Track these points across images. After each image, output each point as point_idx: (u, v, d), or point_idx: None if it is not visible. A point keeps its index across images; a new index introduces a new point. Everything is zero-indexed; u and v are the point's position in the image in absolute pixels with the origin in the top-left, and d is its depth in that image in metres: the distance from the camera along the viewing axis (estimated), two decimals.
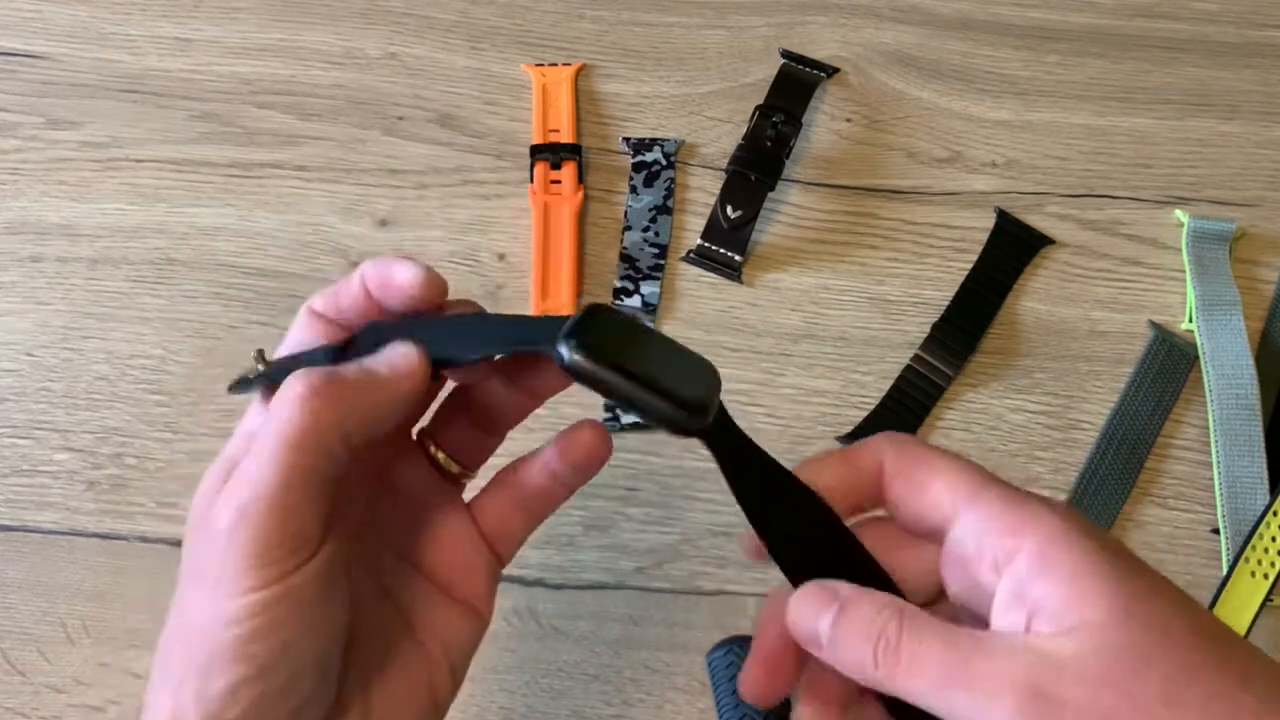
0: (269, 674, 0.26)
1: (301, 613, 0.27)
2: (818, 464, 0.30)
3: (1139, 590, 0.25)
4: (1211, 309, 0.47)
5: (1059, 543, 0.26)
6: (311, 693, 0.27)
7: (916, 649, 0.25)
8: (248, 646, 0.26)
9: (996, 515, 0.27)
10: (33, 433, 0.45)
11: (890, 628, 0.26)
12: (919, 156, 0.51)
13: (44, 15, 0.54)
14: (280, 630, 0.26)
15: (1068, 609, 0.25)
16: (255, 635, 0.26)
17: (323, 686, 0.28)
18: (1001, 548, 0.26)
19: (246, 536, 0.26)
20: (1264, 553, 0.42)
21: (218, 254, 0.49)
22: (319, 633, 0.27)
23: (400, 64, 0.53)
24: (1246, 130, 0.52)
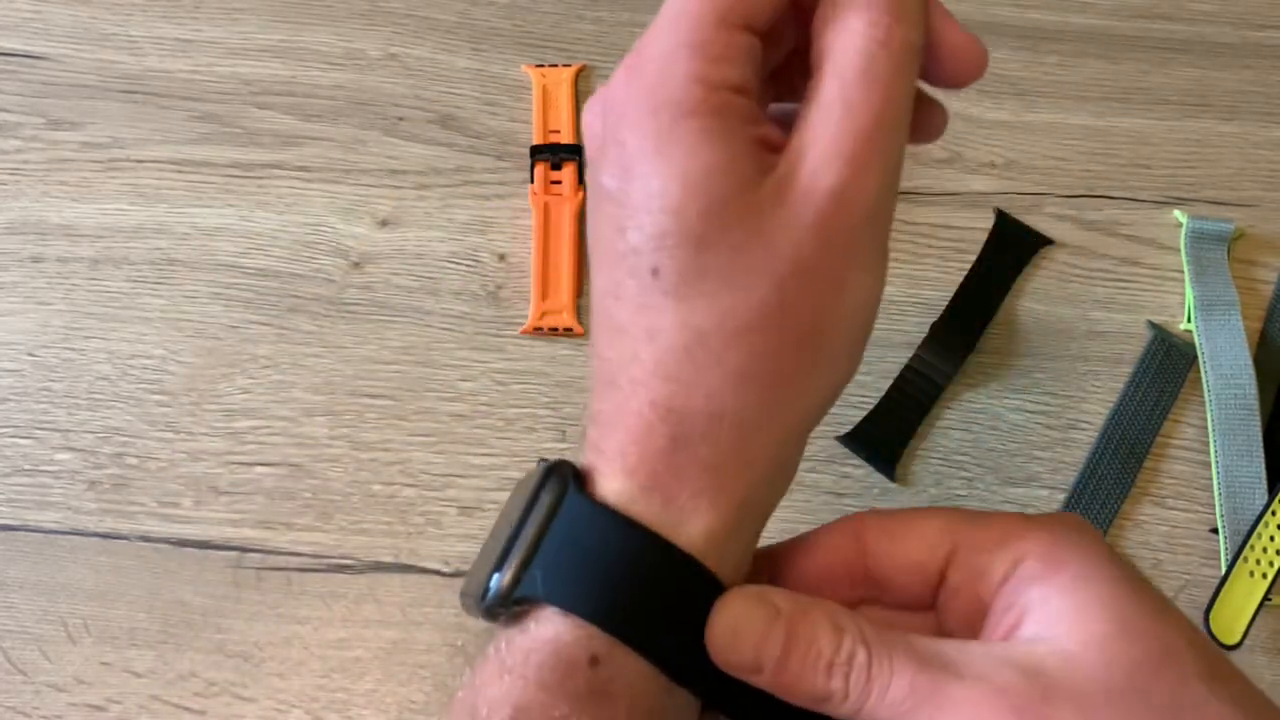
0: (854, 361, 0.26)
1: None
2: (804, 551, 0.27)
3: (1146, 607, 0.23)
4: (1210, 309, 0.47)
5: (1065, 546, 0.24)
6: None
7: (888, 675, 0.23)
8: (868, 327, 0.26)
9: (1001, 529, 0.25)
10: (34, 432, 0.45)
11: (859, 652, 0.23)
12: (918, 156, 0.51)
13: (44, 16, 0.54)
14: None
15: (1067, 616, 0.23)
16: (867, 318, 0.25)
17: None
18: (1011, 557, 0.24)
19: (885, 202, 0.25)
20: (1262, 552, 0.42)
21: (218, 254, 0.49)
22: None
23: (401, 65, 0.53)
24: (1245, 131, 0.52)
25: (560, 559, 0.25)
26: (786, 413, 0.25)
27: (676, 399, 0.25)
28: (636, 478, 0.25)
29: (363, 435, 0.45)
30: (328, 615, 0.42)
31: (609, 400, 0.25)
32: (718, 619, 0.24)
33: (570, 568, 0.25)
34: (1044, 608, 0.23)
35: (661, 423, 0.25)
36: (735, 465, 0.25)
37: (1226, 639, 0.41)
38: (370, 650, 0.41)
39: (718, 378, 0.24)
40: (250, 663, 0.41)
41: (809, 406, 0.26)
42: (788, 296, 0.24)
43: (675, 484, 0.25)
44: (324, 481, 0.44)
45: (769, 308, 0.24)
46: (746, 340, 0.24)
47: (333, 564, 0.43)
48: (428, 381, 0.46)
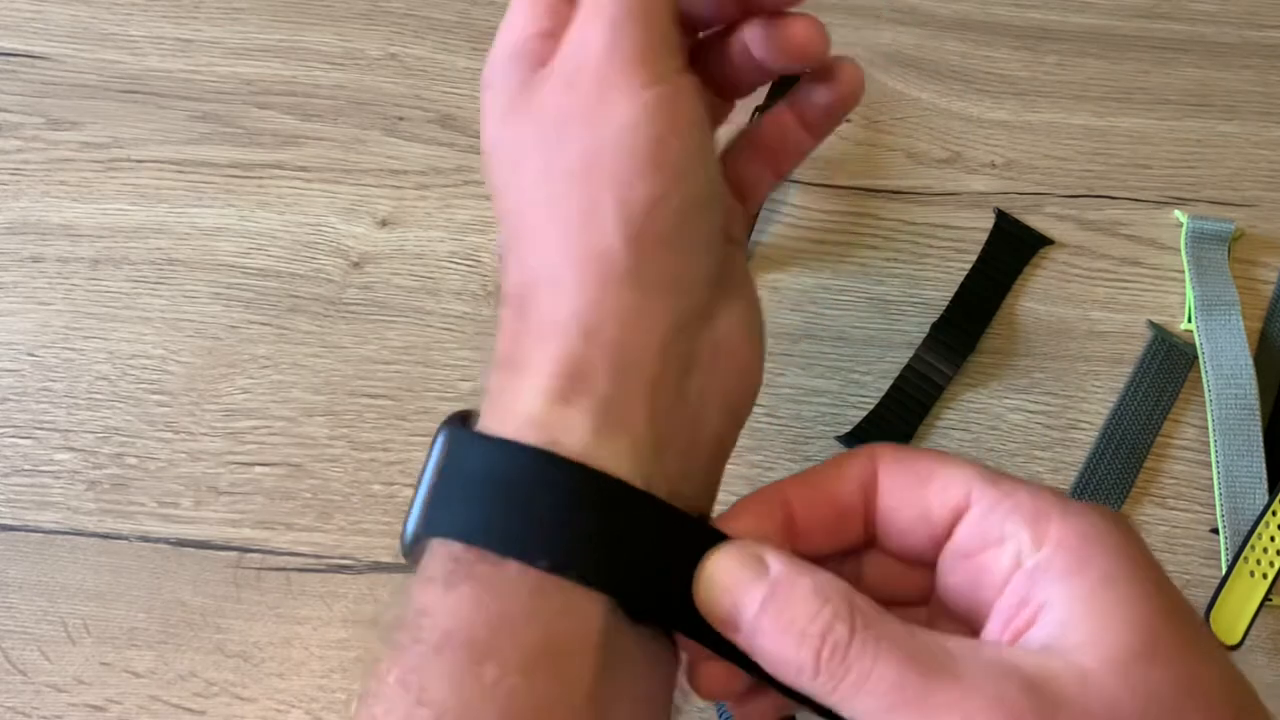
0: (686, 181, 0.26)
1: (697, 120, 0.26)
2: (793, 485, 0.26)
3: (1177, 628, 0.21)
4: (1210, 309, 0.47)
5: (1095, 539, 0.22)
6: (716, 221, 0.27)
7: (869, 665, 0.21)
8: (663, 148, 0.25)
9: (1025, 498, 0.23)
10: (34, 432, 0.45)
11: (839, 628, 0.21)
12: (918, 157, 0.51)
13: (44, 15, 0.54)
14: (687, 133, 0.26)
15: (1088, 625, 0.20)
16: (667, 135, 0.25)
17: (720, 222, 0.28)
18: (1029, 535, 0.22)
19: (627, 42, 0.26)
20: (1263, 552, 0.42)
21: (218, 254, 0.49)
22: (712, 150, 0.27)
23: (401, 65, 0.53)
24: (1245, 131, 0.52)
25: (445, 493, 0.25)
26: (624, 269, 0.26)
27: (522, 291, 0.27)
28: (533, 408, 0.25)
29: (362, 435, 0.45)
30: (328, 615, 0.42)
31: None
32: (704, 568, 0.24)
33: (449, 499, 0.25)
34: (1063, 609, 0.21)
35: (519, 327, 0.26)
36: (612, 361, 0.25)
37: (1227, 639, 0.41)
38: (370, 650, 0.41)
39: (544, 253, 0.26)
40: (250, 663, 0.41)
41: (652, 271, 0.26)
42: (553, 141, 0.26)
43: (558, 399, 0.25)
44: (324, 482, 0.44)
45: (547, 163, 0.26)
46: (556, 201, 0.26)
47: (332, 564, 0.43)
48: (428, 381, 0.46)
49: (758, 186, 0.33)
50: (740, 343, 0.29)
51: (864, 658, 0.21)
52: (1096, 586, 0.21)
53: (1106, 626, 0.20)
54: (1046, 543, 0.22)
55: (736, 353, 0.28)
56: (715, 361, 0.28)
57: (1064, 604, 0.21)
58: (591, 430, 0.25)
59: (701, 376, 0.27)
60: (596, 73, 0.26)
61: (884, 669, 0.20)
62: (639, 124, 0.25)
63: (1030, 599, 0.22)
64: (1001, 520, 0.23)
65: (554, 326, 0.26)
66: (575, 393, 0.25)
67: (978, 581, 0.23)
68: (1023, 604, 0.22)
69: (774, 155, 0.32)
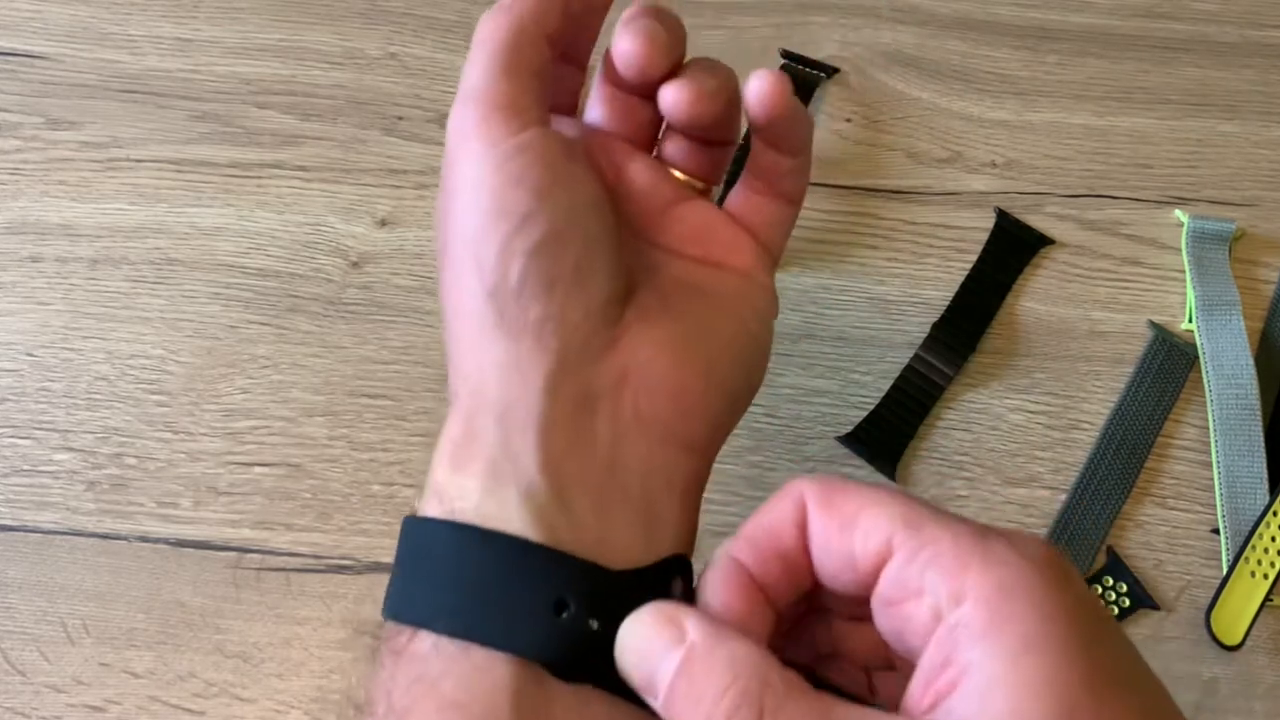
0: (531, 222, 0.27)
1: (544, 164, 0.27)
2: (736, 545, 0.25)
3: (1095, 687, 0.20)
4: (1211, 309, 0.47)
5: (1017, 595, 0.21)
6: (584, 255, 0.28)
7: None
8: (503, 197, 0.27)
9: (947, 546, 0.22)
10: (33, 433, 0.45)
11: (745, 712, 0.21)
12: (919, 156, 0.51)
13: (44, 15, 0.54)
14: (527, 178, 0.27)
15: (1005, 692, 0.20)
16: (506, 185, 0.27)
17: (597, 253, 0.28)
18: (947, 588, 0.22)
19: (471, 116, 0.28)
20: (1264, 553, 0.42)
21: (218, 254, 0.49)
22: (570, 185, 0.28)
23: (400, 64, 0.53)
24: (1246, 130, 0.52)
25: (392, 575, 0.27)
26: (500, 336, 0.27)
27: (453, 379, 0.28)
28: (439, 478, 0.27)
29: (362, 435, 0.45)
30: (327, 616, 0.42)
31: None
32: (621, 632, 0.24)
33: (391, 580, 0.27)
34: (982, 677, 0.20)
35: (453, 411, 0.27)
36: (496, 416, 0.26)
37: (1228, 640, 0.41)
38: (370, 651, 0.41)
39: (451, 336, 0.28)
40: (249, 663, 0.41)
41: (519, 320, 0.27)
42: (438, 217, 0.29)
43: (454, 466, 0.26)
44: (323, 482, 0.44)
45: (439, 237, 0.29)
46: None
47: (332, 564, 0.43)
48: (427, 381, 0.46)
49: (759, 215, 0.33)
50: (659, 364, 0.28)
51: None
52: (1017, 651, 0.20)
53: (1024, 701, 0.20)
54: (965, 598, 0.21)
55: (653, 376, 0.28)
56: (624, 391, 0.27)
57: (983, 671, 0.20)
58: (481, 491, 0.26)
59: (610, 410, 0.27)
60: (450, 154, 0.29)
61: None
62: (480, 181, 0.27)
63: (952, 660, 0.21)
64: (921, 571, 0.22)
65: (454, 394, 0.28)
66: (467, 457, 0.26)
67: (903, 630, 0.23)
68: (945, 664, 0.21)
69: (766, 182, 0.33)
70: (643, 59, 0.29)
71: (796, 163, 0.32)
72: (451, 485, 0.26)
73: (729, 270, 0.31)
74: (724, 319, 0.30)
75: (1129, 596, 0.42)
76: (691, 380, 0.28)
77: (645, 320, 0.28)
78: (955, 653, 0.21)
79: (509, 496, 0.25)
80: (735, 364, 0.30)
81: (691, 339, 0.29)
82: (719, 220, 0.32)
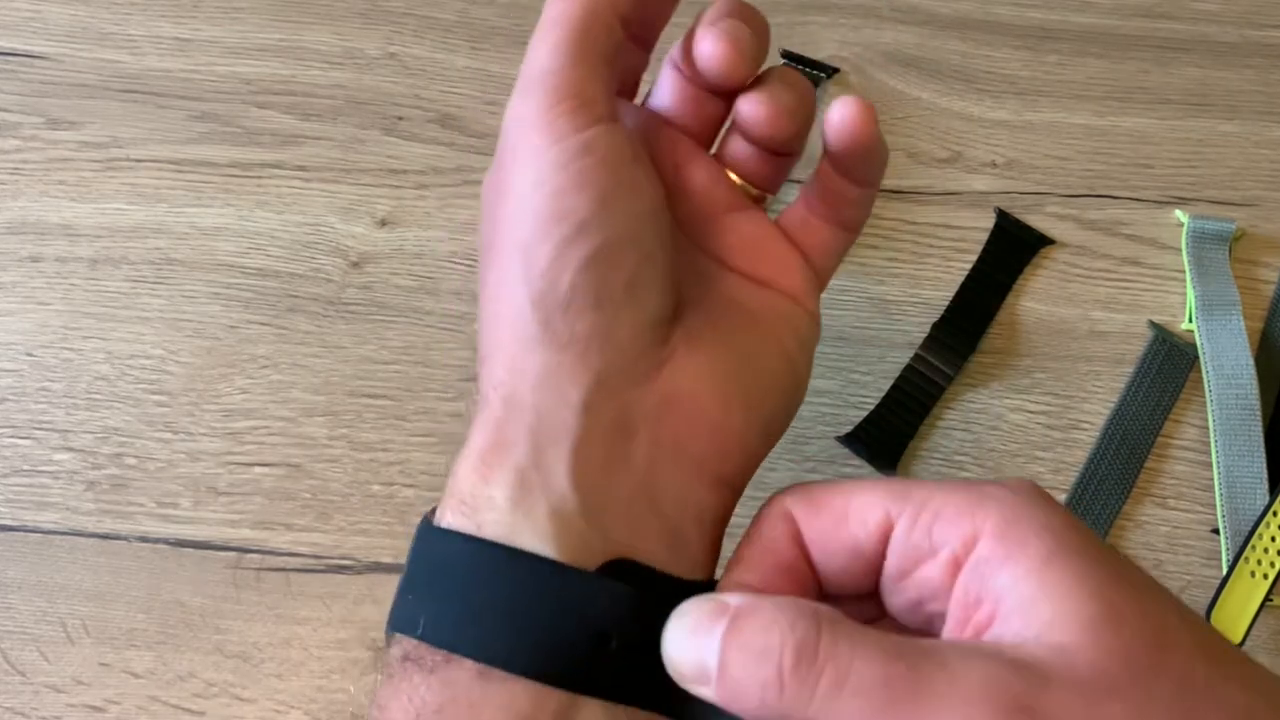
0: (588, 231, 0.25)
1: (608, 168, 0.26)
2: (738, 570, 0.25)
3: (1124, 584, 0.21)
4: (1211, 309, 0.47)
5: (1024, 521, 0.21)
6: (638, 271, 0.26)
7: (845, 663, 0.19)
8: (561, 200, 0.25)
9: (943, 501, 0.23)
10: (33, 433, 0.45)
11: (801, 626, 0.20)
12: (919, 156, 0.51)
13: (44, 15, 0.54)
14: (590, 182, 0.25)
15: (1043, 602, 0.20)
16: (566, 188, 0.25)
17: (650, 270, 0.27)
18: (958, 536, 0.22)
19: (535, 105, 0.26)
20: (1264, 553, 0.42)
21: (217, 254, 0.49)
22: (633, 192, 0.26)
23: (400, 64, 0.53)
24: (1246, 130, 0.52)
25: (403, 586, 0.26)
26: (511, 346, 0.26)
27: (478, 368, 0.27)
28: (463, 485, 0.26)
29: (362, 435, 0.45)
30: (327, 616, 0.42)
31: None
32: (668, 632, 0.23)
33: (403, 591, 0.26)
34: (1015, 596, 0.20)
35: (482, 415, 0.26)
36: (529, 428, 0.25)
37: None
38: (370, 651, 0.41)
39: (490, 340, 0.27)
40: (249, 663, 0.41)
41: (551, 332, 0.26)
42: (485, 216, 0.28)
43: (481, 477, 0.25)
44: (323, 482, 0.44)
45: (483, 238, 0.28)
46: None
47: (332, 564, 0.43)
48: (427, 381, 0.46)
49: (814, 238, 0.32)
50: (703, 397, 0.27)
51: (838, 656, 0.19)
52: (1040, 567, 0.20)
53: (1064, 603, 0.20)
54: (980, 537, 0.22)
55: (695, 409, 0.27)
56: (665, 420, 0.26)
57: (1015, 591, 0.20)
58: (509, 503, 0.25)
59: (648, 436, 0.26)
60: (508, 143, 0.27)
61: (864, 666, 0.19)
62: (539, 183, 0.25)
63: (982, 595, 0.21)
64: (927, 530, 0.22)
65: (484, 399, 0.26)
66: (495, 466, 0.25)
67: (922, 597, 0.23)
68: (976, 602, 0.21)
69: (828, 207, 0.31)
70: (726, 64, 0.28)
71: (865, 193, 0.31)
72: (478, 496, 0.25)
73: (777, 291, 0.30)
74: (768, 346, 0.29)
75: None
76: (734, 418, 0.27)
77: (691, 345, 0.27)
78: (983, 587, 0.21)
79: (538, 511, 0.24)
80: (776, 399, 0.29)
81: (736, 370, 0.28)
82: (772, 236, 0.31)
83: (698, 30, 0.29)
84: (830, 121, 0.28)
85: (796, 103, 0.29)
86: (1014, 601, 0.20)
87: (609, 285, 0.26)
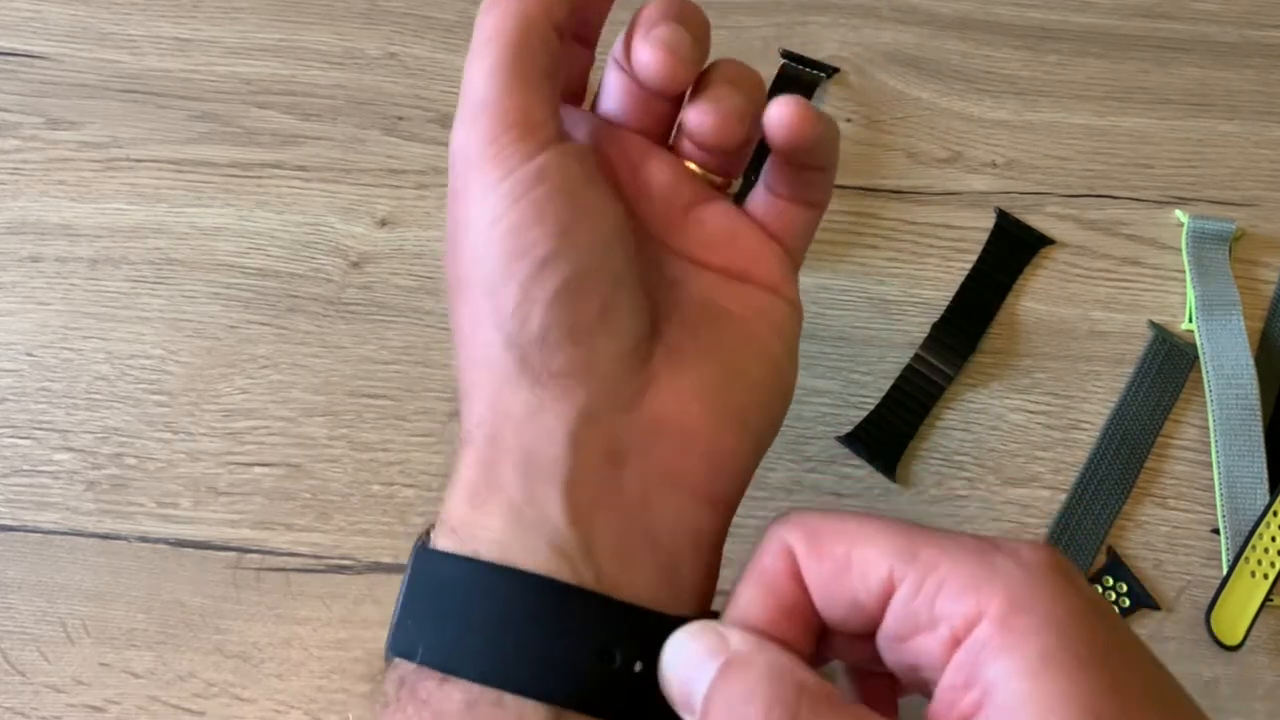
0: (553, 265, 0.24)
1: (564, 195, 0.25)
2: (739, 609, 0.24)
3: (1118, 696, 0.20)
4: (1211, 309, 0.47)
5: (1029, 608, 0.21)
6: (610, 297, 0.25)
7: None
8: (521, 236, 0.24)
9: (950, 570, 0.22)
10: (32, 433, 0.45)
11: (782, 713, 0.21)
12: (919, 156, 0.51)
13: (43, 15, 0.54)
14: (547, 213, 0.24)
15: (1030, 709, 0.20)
16: (524, 222, 0.24)
17: (622, 294, 0.26)
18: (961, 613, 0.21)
19: (479, 136, 0.25)
20: (1264, 553, 0.42)
21: (217, 254, 0.49)
22: (593, 217, 0.25)
23: (400, 64, 0.53)
24: (1246, 130, 0.52)
25: (400, 611, 0.25)
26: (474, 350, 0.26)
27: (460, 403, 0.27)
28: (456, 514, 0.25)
29: (362, 435, 0.45)
30: (327, 616, 0.42)
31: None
32: (666, 651, 0.23)
33: (401, 616, 0.25)
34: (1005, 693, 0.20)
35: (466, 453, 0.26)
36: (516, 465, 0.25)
37: (1228, 640, 0.41)
38: (370, 651, 0.41)
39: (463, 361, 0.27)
40: (249, 663, 0.41)
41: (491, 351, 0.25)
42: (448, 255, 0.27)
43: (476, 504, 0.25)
44: (323, 482, 0.44)
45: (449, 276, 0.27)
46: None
47: (332, 564, 0.43)
48: (427, 381, 0.46)
49: (782, 220, 0.31)
50: (691, 418, 0.26)
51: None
52: (1036, 668, 0.20)
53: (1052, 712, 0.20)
54: (982, 618, 0.21)
55: (685, 431, 0.26)
56: (655, 446, 0.26)
57: (1005, 688, 0.20)
58: (505, 533, 0.24)
59: (639, 464, 0.26)
60: (458, 177, 0.26)
61: None
62: (496, 219, 0.25)
63: (973, 680, 0.21)
64: (930, 601, 0.22)
65: (468, 435, 0.26)
66: (488, 499, 0.25)
67: (916, 664, 0.23)
68: (966, 685, 0.21)
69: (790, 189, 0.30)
70: (666, 74, 0.27)
71: (823, 174, 0.30)
72: (473, 524, 0.25)
73: (754, 284, 0.30)
74: (753, 351, 0.28)
75: (1129, 597, 0.42)
76: (725, 437, 0.27)
77: (674, 363, 0.27)
78: (976, 673, 0.21)
79: (537, 545, 0.24)
80: (766, 409, 0.29)
81: (722, 384, 0.27)
82: (742, 225, 0.30)
83: (634, 39, 0.28)
84: (769, 127, 0.27)
85: (745, 103, 0.28)
86: (1003, 698, 0.20)
87: (582, 317, 0.25)
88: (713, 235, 0.29)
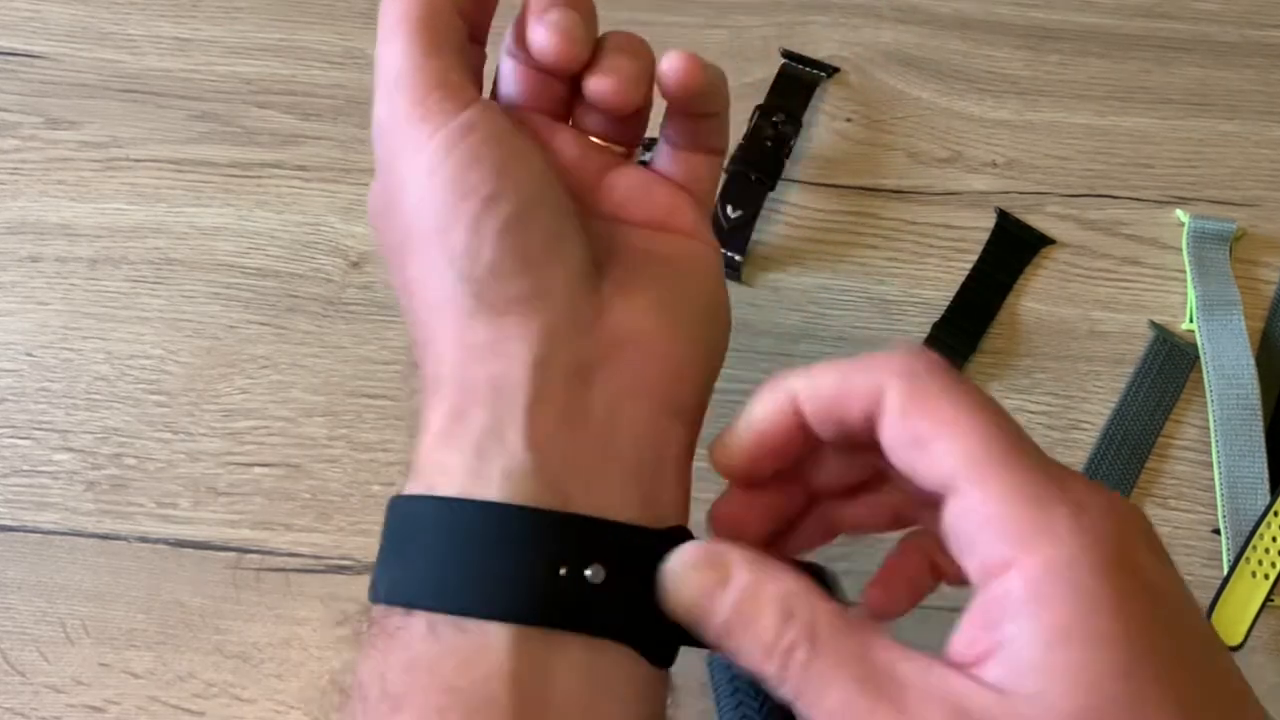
0: (497, 201, 0.26)
1: (496, 140, 0.27)
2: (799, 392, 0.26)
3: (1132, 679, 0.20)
4: (1212, 309, 0.47)
5: (1063, 578, 0.21)
6: (556, 226, 0.27)
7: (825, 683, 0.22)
8: (462, 181, 0.26)
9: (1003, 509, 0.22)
10: (32, 433, 0.45)
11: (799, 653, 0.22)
12: (919, 156, 0.51)
13: (43, 15, 0.54)
14: (482, 156, 0.26)
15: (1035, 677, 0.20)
16: (462, 167, 0.26)
17: (567, 224, 0.28)
18: (996, 553, 0.22)
19: (404, 103, 0.27)
20: (1264, 553, 0.42)
21: (217, 254, 0.48)
22: (526, 157, 0.28)
23: None
24: (1247, 130, 0.52)
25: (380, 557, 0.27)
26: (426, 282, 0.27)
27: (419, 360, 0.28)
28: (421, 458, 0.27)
29: (362, 435, 0.45)
30: (327, 616, 0.42)
31: None
32: (667, 573, 0.24)
33: (376, 563, 0.27)
34: (1018, 655, 0.21)
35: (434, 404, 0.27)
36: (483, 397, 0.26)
37: (1228, 640, 0.41)
38: (356, 636, 0.41)
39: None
40: (249, 664, 0.41)
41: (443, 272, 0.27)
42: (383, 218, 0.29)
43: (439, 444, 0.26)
44: (323, 482, 0.44)
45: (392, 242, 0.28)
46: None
47: (332, 565, 0.43)
48: None
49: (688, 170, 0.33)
50: (648, 332, 0.28)
51: (821, 678, 0.22)
52: (1051, 640, 0.20)
53: (1053, 686, 0.20)
54: (1011, 568, 0.21)
55: (644, 343, 0.28)
56: (618, 359, 0.27)
57: (1020, 648, 0.21)
58: (463, 468, 0.25)
59: (605, 379, 0.27)
60: (387, 148, 0.28)
61: (836, 691, 0.22)
62: (433, 169, 0.26)
63: (993, 625, 0.21)
64: (975, 529, 0.22)
65: (435, 382, 0.27)
66: (452, 435, 0.26)
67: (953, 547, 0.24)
68: (987, 626, 0.21)
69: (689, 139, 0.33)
70: (561, 55, 0.29)
71: (717, 120, 0.32)
72: (434, 464, 0.26)
73: (675, 233, 0.31)
74: (689, 280, 0.30)
75: None
76: (680, 345, 0.29)
77: (623, 292, 0.28)
78: (997, 620, 0.21)
79: (491, 475, 0.25)
80: (711, 324, 0.31)
81: (670, 303, 0.29)
82: (652, 181, 0.32)
83: (528, 22, 0.29)
84: (662, 80, 0.30)
85: (639, 69, 0.30)
86: (1013, 653, 0.21)
87: (531, 245, 0.27)
88: (627, 195, 0.31)
